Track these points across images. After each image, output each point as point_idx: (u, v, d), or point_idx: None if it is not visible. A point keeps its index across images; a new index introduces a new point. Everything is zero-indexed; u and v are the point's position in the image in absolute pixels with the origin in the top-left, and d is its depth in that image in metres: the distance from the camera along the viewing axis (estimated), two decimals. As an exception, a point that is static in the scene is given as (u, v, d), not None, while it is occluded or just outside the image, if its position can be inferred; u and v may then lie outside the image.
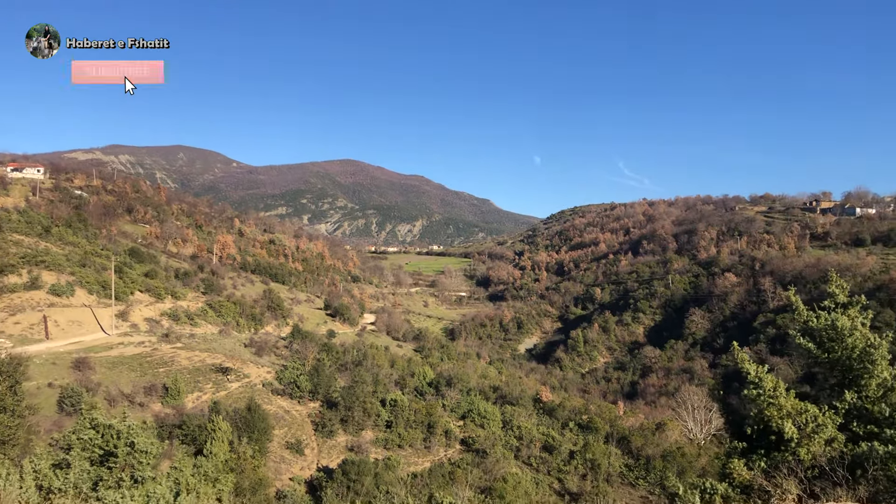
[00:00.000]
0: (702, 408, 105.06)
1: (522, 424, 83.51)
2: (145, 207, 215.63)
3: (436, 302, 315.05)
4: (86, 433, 16.95)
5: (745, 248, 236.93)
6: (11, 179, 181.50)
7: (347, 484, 54.98)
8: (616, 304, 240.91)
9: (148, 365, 76.15)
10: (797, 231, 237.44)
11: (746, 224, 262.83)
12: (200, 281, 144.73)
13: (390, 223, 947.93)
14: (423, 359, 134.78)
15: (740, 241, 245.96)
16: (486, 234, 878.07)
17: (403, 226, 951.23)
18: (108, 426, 16.72)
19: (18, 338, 79.07)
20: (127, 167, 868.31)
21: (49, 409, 56.88)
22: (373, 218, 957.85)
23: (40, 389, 61.71)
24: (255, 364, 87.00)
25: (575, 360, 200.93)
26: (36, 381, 63.86)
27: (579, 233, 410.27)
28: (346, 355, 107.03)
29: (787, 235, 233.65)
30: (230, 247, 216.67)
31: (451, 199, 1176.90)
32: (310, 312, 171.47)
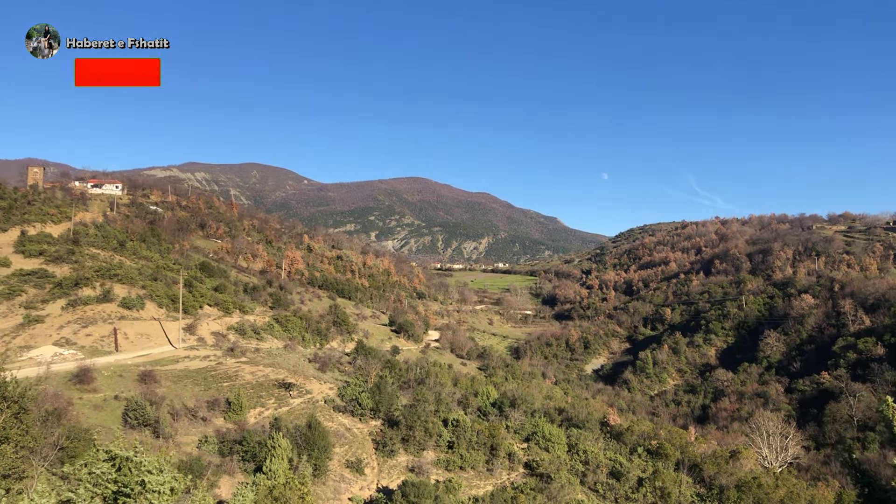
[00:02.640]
0: (777, 434, 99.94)
1: (589, 449, 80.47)
2: (217, 223, 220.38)
3: (501, 320, 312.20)
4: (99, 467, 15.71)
5: (824, 268, 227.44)
6: (91, 195, 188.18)
7: (407, 507, 53.37)
8: (687, 324, 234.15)
9: (212, 379, 76.38)
10: (880, 251, 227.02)
11: (824, 244, 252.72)
12: (268, 295, 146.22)
13: (456, 240, 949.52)
14: (486, 378, 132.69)
15: (818, 261, 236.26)
16: (553, 253, 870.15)
17: (469, 243, 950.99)
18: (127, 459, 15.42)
19: (89, 349, 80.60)
20: (202, 184, 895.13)
21: (114, 422, 57.13)
22: (438, 235, 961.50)
23: (107, 402, 62.26)
24: (318, 380, 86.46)
25: (643, 381, 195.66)
26: (103, 393, 64.57)
27: (649, 252, 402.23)
28: (409, 373, 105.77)
29: (869, 256, 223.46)
30: (299, 262, 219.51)
31: (517, 217, 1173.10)
32: (374, 328, 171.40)
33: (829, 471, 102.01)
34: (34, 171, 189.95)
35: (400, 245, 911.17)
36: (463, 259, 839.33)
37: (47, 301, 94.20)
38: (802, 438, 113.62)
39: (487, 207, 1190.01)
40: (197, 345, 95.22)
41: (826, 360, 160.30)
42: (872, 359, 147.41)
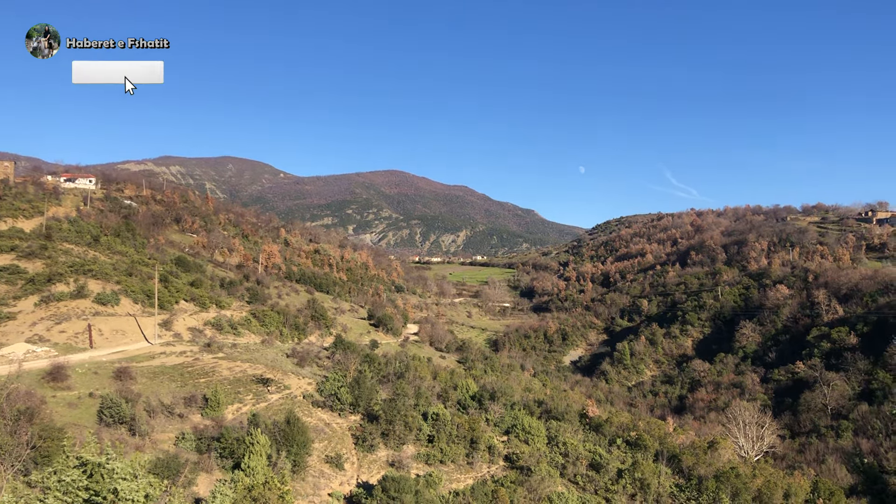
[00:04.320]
0: (753, 424, 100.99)
1: (568, 441, 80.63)
2: (193, 217, 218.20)
3: (479, 313, 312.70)
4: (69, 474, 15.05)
5: (798, 259, 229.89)
6: (64, 190, 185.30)
7: (387, 501, 53.07)
8: (663, 316, 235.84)
9: (189, 375, 75.46)
10: (852, 242, 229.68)
11: (799, 235, 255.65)
12: (245, 290, 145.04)
13: (434, 233, 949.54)
14: (466, 371, 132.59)
15: (792, 252, 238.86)
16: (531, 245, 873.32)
17: (447, 236, 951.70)
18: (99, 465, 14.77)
19: (63, 346, 79.28)
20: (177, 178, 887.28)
21: (89, 420, 56.19)
22: (417, 228, 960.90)
23: (81, 399, 61.20)
24: (297, 375, 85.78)
25: (621, 373, 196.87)
26: (77, 390, 63.49)
27: (625, 243, 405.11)
28: (388, 367, 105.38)
29: (842, 247, 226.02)
30: (275, 256, 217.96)
31: (494, 210, 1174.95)
32: (353, 322, 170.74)
33: (805, 459, 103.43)
34: (4, 165, 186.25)
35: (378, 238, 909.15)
36: (441, 252, 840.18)
37: (19, 297, 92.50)
38: (778, 428, 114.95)
39: (465, 200, 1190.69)
40: (173, 340, 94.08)
41: (801, 349, 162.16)
42: (846, 348, 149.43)
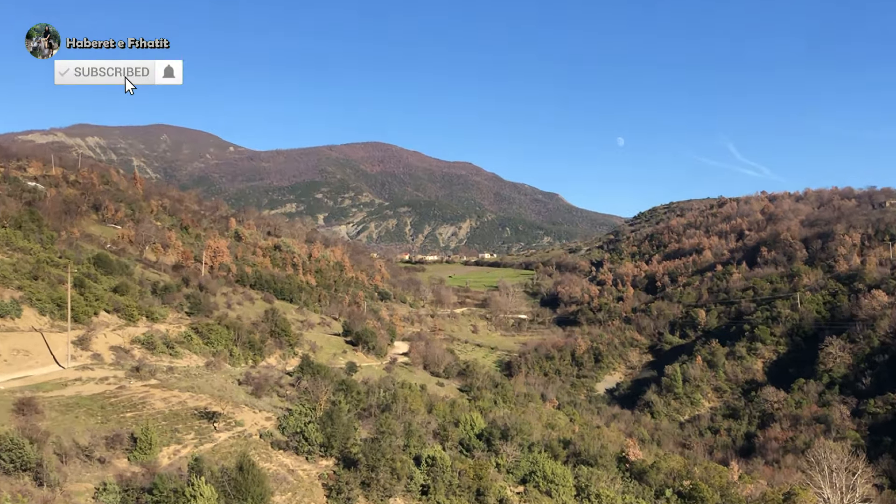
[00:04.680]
0: (843, 470, 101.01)
1: (603, 492, 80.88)
2: (117, 204, 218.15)
3: (487, 326, 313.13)
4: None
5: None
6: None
7: (369, 571, 53.39)
8: (726, 330, 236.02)
9: (112, 408, 75.50)
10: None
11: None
12: (184, 298, 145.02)
13: (429, 224, 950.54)
14: (470, 402, 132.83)
15: (893, 247, 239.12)
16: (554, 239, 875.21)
17: (446, 227, 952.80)
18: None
19: (-52, 371, 79.37)
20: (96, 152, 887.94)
21: (-19, 466, 56.26)
22: (406, 217, 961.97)
23: (-28, 439, 61.26)
24: (252, 408, 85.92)
25: (671, 404, 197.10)
26: (-33, 428, 63.52)
27: (677, 237, 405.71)
28: (369, 396, 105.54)
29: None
30: (224, 254, 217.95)
31: (507, 194, 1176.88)
32: (324, 339, 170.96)
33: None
34: None
35: (356, 231, 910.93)
36: (438, 248, 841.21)
37: None
38: (874, 475, 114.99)
39: (469, 181, 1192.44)
40: (91, 363, 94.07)
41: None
42: None
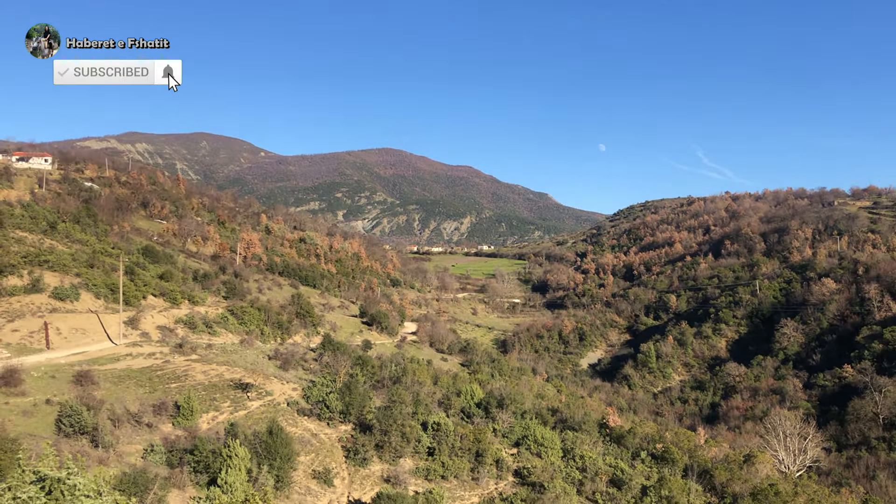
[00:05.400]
0: (795, 435, 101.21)
1: (586, 454, 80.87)
2: (162, 201, 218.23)
3: (485, 309, 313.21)
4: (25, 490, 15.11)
5: (847, 249, 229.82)
6: (17, 170, 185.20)
7: (382, 522, 53.38)
8: (694, 313, 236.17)
9: (158, 380, 75.65)
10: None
11: (847, 221, 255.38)
12: (221, 284, 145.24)
13: (434, 220, 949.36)
14: (470, 375, 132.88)
15: (840, 241, 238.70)
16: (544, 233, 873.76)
17: (449, 223, 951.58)
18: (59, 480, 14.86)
19: (17, 347, 79.43)
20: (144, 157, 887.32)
21: (46, 430, 56.39)
22: (415, 214, 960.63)
23: (37, 406, 61.36)
24: (280, 379, 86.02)
25: (646, 377, 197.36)
26: (33, 396, 63.65)
27: (651, 231, 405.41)
28: (382, 370, 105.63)
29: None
30: (256, 246, 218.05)
31: (503, 193, 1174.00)
32: (343, 320, 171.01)
33: (853, 475, 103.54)
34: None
35: (371, 225, 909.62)
36: (443, 241, 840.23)
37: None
38: (823, 439, 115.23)
39: (470, 182, 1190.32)
40: (140, 340, 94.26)
41: (849, 351, 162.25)
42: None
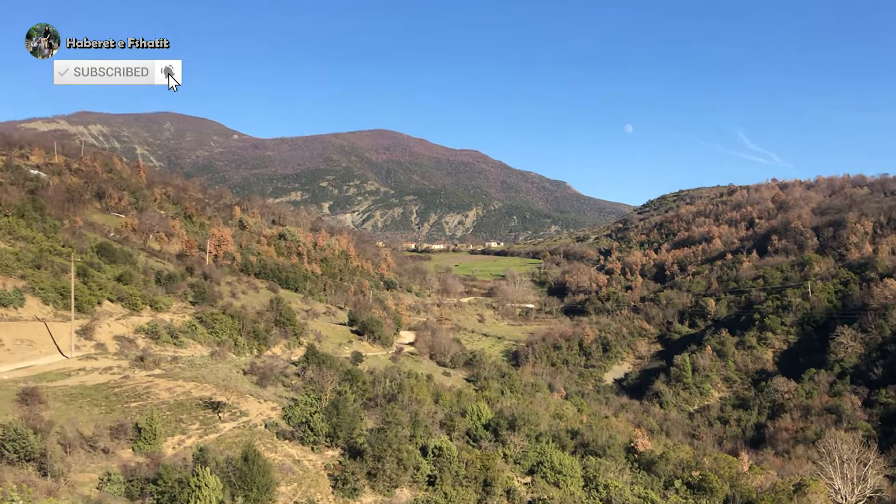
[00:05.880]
0: (854, 461, 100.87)
1: (611, 483, 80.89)
2: (120, 192, 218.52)
3: (494, 316, 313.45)
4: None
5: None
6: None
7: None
8: (736, 319, 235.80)
9: (116, 398, 75.76)
10: None
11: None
12: (189, 287, 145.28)
13: (435, 212, 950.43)
14: (477, 392, 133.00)
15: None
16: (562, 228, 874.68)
17: (452, 216, 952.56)
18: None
19: (-49, 361, 79.65)
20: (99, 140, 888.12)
21: (-15, 456, 56.46)
22: (412, 206, 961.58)
23: (-25, 429, 61.48)
24: (257, 398, 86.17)
25: (680, 394, 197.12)
26: (-30, 417, 63.75)
27: (686, 225, 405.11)
28: (375, 387, 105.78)
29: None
30: (228, 243, 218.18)
31: (514, 182, 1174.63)
32: (330, 329, 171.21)
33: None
34: None
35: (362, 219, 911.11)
36: (445, 237, 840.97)
37: None
38: (886, 465, 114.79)
39: (476, 169, 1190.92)
40: (95, 353, 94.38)
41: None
42: None
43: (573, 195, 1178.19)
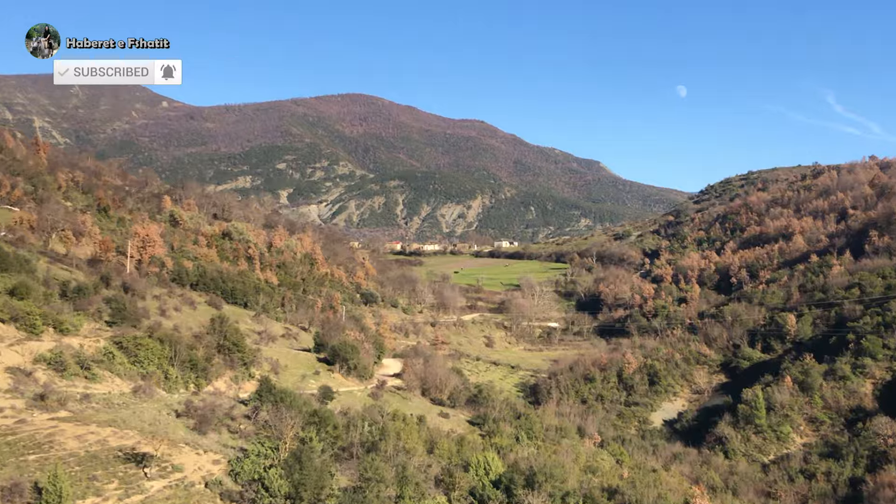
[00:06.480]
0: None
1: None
2: (13, 178, 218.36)
3: (507, 338, 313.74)
4: None
5: None
6: None
7: None
8: (824, 341, 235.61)
9: (9, 449, 75.52)
10: None
11: None
12: (104, 303, 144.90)
13: (428, 203, 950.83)
14: (484, 438, 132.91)
15: None
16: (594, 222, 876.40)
17: (450, 207, 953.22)
18: None
19: None
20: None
21: None
22: (398, 194, 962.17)
23: None
24: (194, 447, 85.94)
25: (751, 439, 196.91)
26: None
27: (757, 218, 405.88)
28: (350, 432, 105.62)
29: None
30: (156, 244, 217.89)
31: (531, 162, 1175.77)
32: (290, 357, 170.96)
33: None
34: None
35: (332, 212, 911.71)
36: (441, 235, 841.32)
37: None
38: None
39: (482, 145, 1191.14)
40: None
41: None
42: None
43: (609, 179, 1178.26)
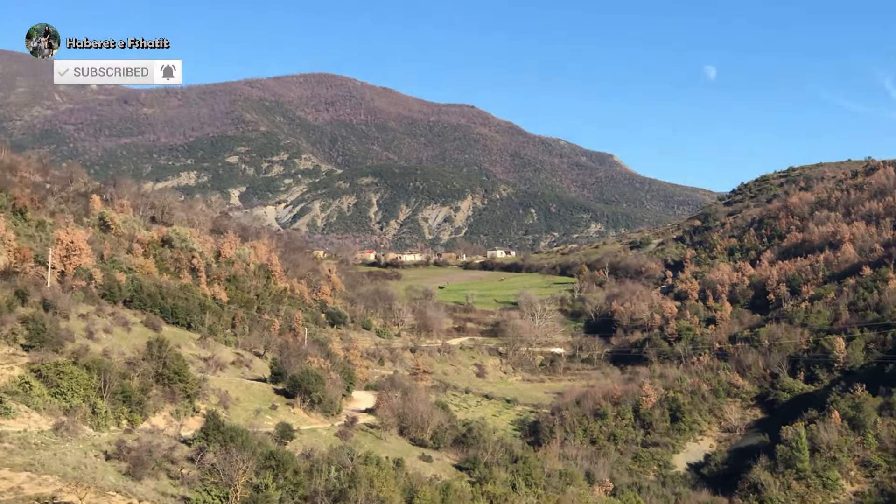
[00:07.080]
0: None
1: None
2: None
3: (502, 367, 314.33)
4: None
5: None
6: None
7: None
8: (879, 370, 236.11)
9: None
10: None
11: None
12: (19, 323, 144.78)
13: (407, 203, 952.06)
14: (474, 486, 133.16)
15: None
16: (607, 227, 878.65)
17: (434, 209, 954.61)
18: None
19: None
20: None
21: None
22: (371, 193, 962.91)
23: None
24: (127, 496, 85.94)
25: (792, 487, 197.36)
26: None
27: (800, 222, 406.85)
28: (314, 478, 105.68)
29: None
30: (83, 253, 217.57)
31: (532, 155, 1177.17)
32: (242, 388, 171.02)
33: None
34: None
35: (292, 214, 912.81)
36: (423, 242, 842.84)
37: None
38: None
39: (472, 135, 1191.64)
40: None
41: None
42: None
43: (624, 175, 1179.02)
